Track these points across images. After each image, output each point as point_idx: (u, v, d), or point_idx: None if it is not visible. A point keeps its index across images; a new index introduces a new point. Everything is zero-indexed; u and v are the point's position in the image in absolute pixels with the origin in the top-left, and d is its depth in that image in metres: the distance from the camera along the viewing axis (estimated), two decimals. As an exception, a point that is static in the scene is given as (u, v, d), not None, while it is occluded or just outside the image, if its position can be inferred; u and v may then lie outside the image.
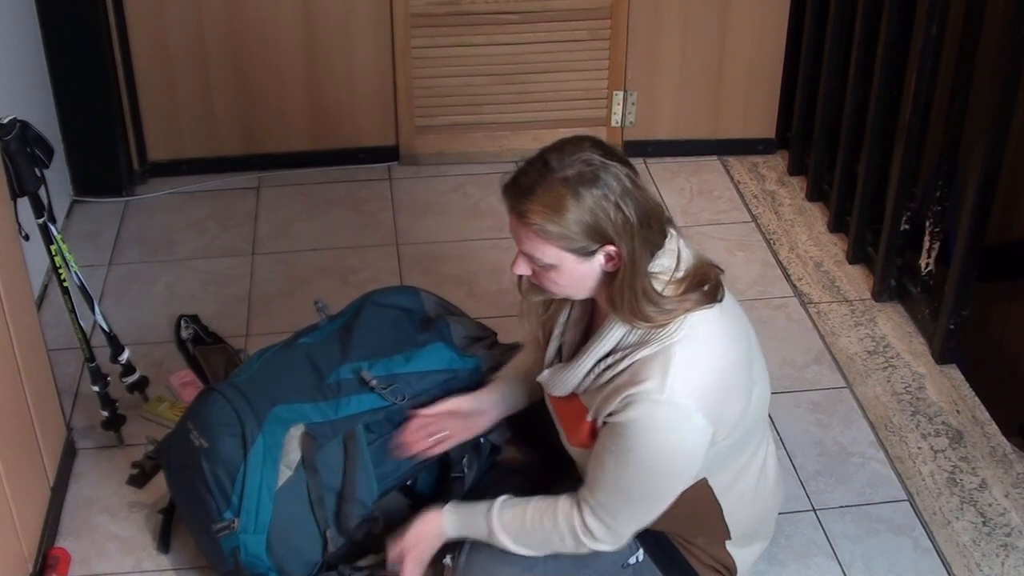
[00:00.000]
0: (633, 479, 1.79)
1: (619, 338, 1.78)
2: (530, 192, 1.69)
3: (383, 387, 2.14)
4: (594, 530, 1.84)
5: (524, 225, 1.71)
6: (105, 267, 3.14)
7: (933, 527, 2.33)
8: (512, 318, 2.83)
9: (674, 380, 1.72)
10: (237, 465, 2.04)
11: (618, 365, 1.78)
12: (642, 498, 1.82)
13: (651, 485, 1.81)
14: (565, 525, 1.86)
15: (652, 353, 1.74)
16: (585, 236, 1.70)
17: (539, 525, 1.89)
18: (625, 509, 1.83)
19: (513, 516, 1.91)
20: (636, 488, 1.81)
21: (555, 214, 1.68)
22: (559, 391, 1.90)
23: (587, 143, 1.73)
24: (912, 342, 2.86)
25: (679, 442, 1.76)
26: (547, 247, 1.72)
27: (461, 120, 3.56)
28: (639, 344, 1.76)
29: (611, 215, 1.68)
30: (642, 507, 1.84)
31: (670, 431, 1.75)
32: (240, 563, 2.04)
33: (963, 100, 2.71)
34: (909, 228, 2.95)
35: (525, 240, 1.73)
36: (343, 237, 3.27)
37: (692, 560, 1.98)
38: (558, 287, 1.79)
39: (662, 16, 3.44)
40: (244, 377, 2.18)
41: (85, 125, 3.33)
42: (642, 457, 1.76)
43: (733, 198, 3.47)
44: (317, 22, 3.37)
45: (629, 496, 1.82)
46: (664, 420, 1.73)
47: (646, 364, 1.74)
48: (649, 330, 1.75)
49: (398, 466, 2.17)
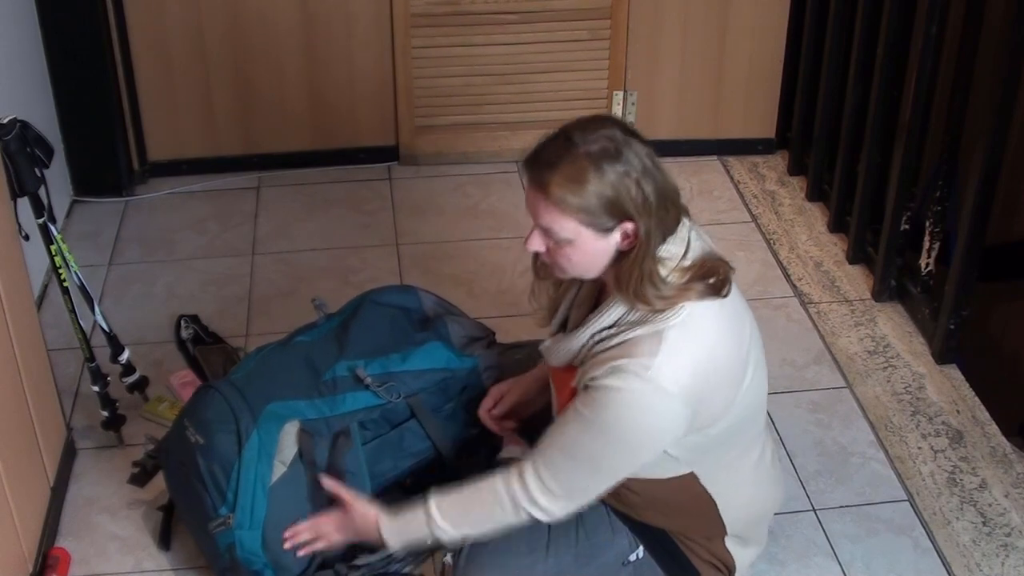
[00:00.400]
0: (589, 444, 1.78)
1: (620, 315, 1.78)
2: (553, 165, 1.70)
3: (378, 385, 2.15)
4: (531, 487, 1.82)
5: (544, 197, 1.71)
6: (105, 267, 3.14)
7: (933, 527, 2.33)
8: (512, 318, 2.84)
9: (661, 361, 1.72)
10: (232, 461, 2.04)
11: (613, 339, 1.78)
12: (591, 466, 1.81)
13: (605, 455, 1.79)
14: (504, 489, 1.85)
15: (646, 333, 1.74)
16: (604, 211, 1.70)
17: (478, 498, 1.88)
18: (569, 473, 1.81)
19: (451, 502, 1.90)
20: (589, 454, 1.79)
21: (577, 187, 1.69)
22: (557, 361, 1.90)
23: (609, 121, 1.75)
24: (912, 342, 2.86)
25: (649, 421, 1.76)
26: (566, 220, 1.71)
27: (461, 120, 3.56)
28: (637, 323, 1.76)
29: (632, 192, 1.69)
30: (587, 475, 1.82)
31: (643, 409, 1.74)
32: (236, 559, 2.04)
33: (963, 100, 2.71)
34: (909, 228, 2.95)
35: (544, 213, 1.73)
36: (343, 237, 3.27)
37: (692, 557, 1.98)
38: (570, 264, 1.78)
39: (662, 16, 3.44)
40: (240, 374, 2.18)
41: (85, 125, 3.33)
42: (608, 425, 1.75)
43: (733, 198, 3.47)
44: (317, 22, 3.37)
45: (578, 460, 1.80)
46: (641, 396, 1.73)
47: (638, 342, 1.74)
48: (648, 312, 1.75)
49: (394, 465, 2.17)
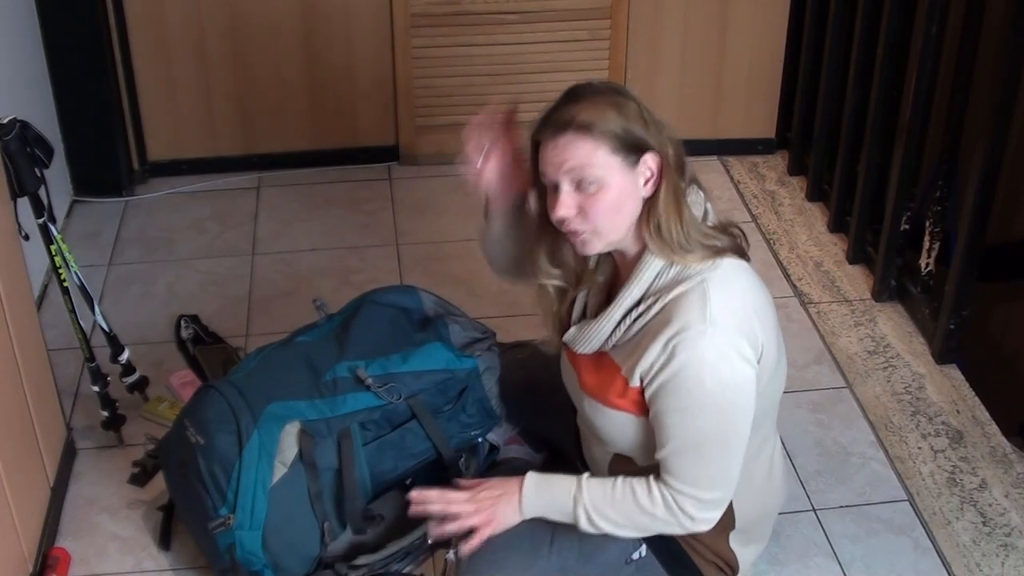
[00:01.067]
0: (702, 429, 1.75)
1: (650, 281, 1.77)
2: (576, 102, 1.73)
3: (379, 386, 2.15)
4: (683, 506, 1.80)
5: (573, 130, 1.71)
6: (105, 267, 3.14)
7: (933, 527, 2.33)
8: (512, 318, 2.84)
9: (713, 308, 1.71)
10: (232, 462, 2.04)
11: (650, 311, 1.77)
12: (718, 448, 1.78)
13: (721, 428, 1.76)
14: (651, 509, 1.82)
15: (686, 290, 1.74)
16: (628, 136, 1.71)
17: (633, 508, 1.83)
18: (707, 467, 1.78)
19: (602, 496, 1.85)
20: (708, 439, 1.76)
21: (603, 110, 1.71)
22: (586, 347, 1.87)
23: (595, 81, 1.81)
24: (912, 342, 2.86)
25: (732, 371, 1.74)
26: (597, 150, 1.71)
27: (461, 120, 3.50)
28: (670, 285, 1.76)
29: (648, 120, 1.74)
30: (720, 459, 1.79)
31: (721, 360, 1.72)
32: (236, 560, 2.04)
33: (963, 100, 2.71)
34: (909, 228, 2.95)
35: (571, 153, 1.72)
36: (343, 237, 3.27)
37: (695, 556, 1.97)
38: (604, 213, 1.74)
39: (662, 16, 3.44)
40: (241, 374, 2.18)
41: (85, 125, 3.33)
42: (704, 399, 1.73)
43: (733, 198, 3.47)
44: (317, 22, 3.37)
45: (704, 453, 1.77)
46: (714, 350, 1.72)
47: (681, 301, 1.73)
48: (681, 270, 1.75)
49: (395, 466, 2.17)
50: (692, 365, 1.72)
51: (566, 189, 1.75)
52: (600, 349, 1.86)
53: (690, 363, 1.72)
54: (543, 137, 1.76)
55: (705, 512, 1.82)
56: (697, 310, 1.72)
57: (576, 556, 1.94)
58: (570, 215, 1.76)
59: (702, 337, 1.71)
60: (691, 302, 1.73)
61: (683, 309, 1.73)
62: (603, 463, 1.99)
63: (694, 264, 1.76)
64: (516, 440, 2.34)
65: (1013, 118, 2.57)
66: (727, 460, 1.81)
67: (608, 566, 1.97)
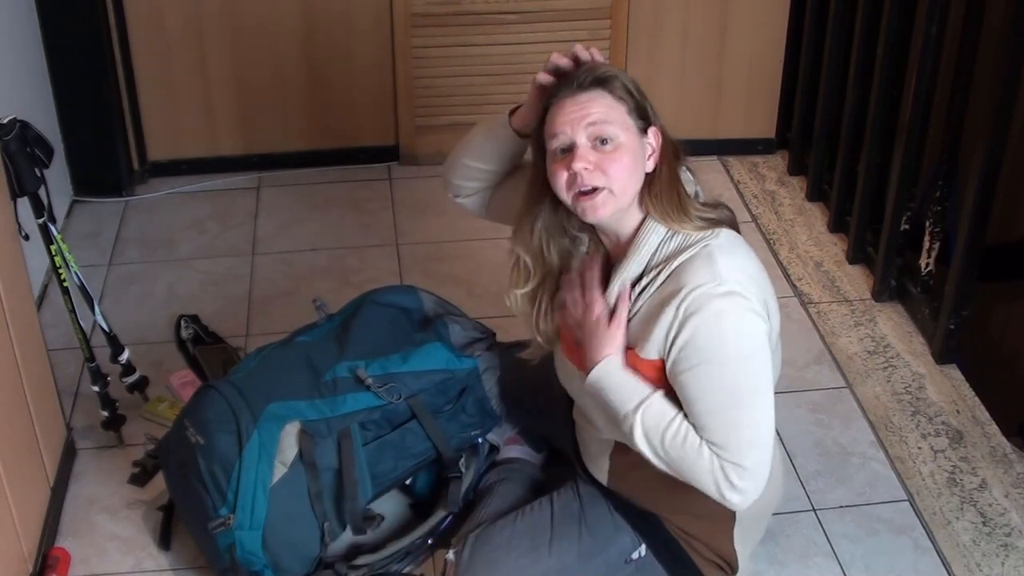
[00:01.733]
0: (727, 383, 1.75)
1: (652, 250, 1.80)
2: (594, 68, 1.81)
3: (379, 386, 2.15)
4: (731, 477, 1.75)
5: (599, 86, 1.78)
6: (105, 267, 3.14)
7: (933, 527, 2.33)
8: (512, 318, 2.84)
9: (720, 266, 1.74)
10: (232, 462, 2.04)
11: (654, 283, 1.79)
12: (746, 403, 1.76)
13: (746, 380, 1.76)
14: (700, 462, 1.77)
15: (691, 256, 1.76)
16: (641, 103, 1.81)
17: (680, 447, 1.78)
18: (739, 431, 1.75)
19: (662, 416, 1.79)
20: (735, 393, 1.75)
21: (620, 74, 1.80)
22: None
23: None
24: (912, 342, 2.86)
25: (745, 322, 1.75)
26: (617, 107, 1.78)
27: (461, 120, 3.55)
28: (673, 256, 1.78)
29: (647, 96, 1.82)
30: (752, 417, 1.76)
31: (734, 312, 1.74)
32: (236, 560, 2.04)
33: (963, 100, 2.71)
34: (909, 228, 2.95)
35: (594, 107, 1.76)
36: (343, 237, 3.27)
37: (694, 555, 1.98)
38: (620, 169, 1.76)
39: (662, 16, 3.44)
40: (241, 374, 2.18)
41: (85, 125, 3.33)
42: (725, 351, 1.74)
43: (733, 198, 3.46)
44: (317, 22, 3.37)
45: (734, 411, 1.75)
46: (729, 307, 1.73)
47: (687, 266, 1.76)
48: (683, 240, 1.78)
49: (395, 466, 2.17)
50: (708, 321, 1.73)
51: (584, 143, 1.76)
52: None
53: (705, 320, 1.73)
54: (562, 96, 1.79)
55: (746, 481, 1.75)
56: (705, 269, 1.74)
57: (576, 556, 1.95)
58: (589, 168, 1.76)
59: (715, 299, 1.73)
60: (697, 265, 1.75)
61: (690, 272, 1.75)
62: (602, 458, 1.99)
63: (694, 234, 1.78)
64: (516, 440, 2.34)
65: (1013, 118, 2.57)
66: (758, 417, 1.78)
67: (608, 565, 1.97)
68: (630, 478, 1.94)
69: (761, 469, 1.77)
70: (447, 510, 2.20)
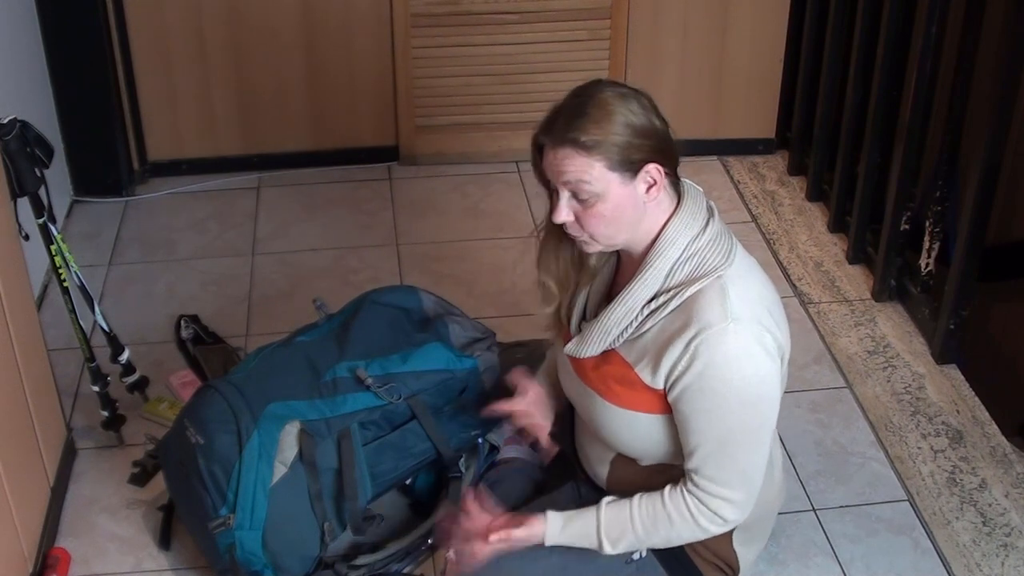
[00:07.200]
0: (732, 428, 1.74)
1: (665, 271, 1.77)
2: (581, 113, 1.70)
3: (379, 386, 2.15)
4: (717, 510, 1.79)
5: (573, 146, 1.70)
6: (105, 267, 3.14)
7: (933, 527, 2.33)
8: (512, 318, 2.84)
9: (733, 303, 1.72)
10: (232, 462, 2.04)
11: (666, 307, 1.76)
12: (747, 445, 1.77)
13: (750, 424, 1.75)
14: (680, 521, 1.81)
15: (703, 287, 1.74)
16: (630, 152, 1.71)
17: (653, 528, 1.84)
18: (735, 470, 1.77)
19: (619, 522, 1.85)
20: (738, 437, 1.75)
21: (606, 122, 1.70)
22: (593, 349, 1.85)
23: (604, 81, 1.78)
24: (912, 342, 2.86)
25: (757, 366, 1.73)
26: (594, 167, 1.70)
27: (461, 120, 3.56)
28: (687, 282, 1.75)
29: (652, 122, 1.75)
30: (749, 456, 1.78)
31: (745, 356, 1.72)
32: (236, 560, 2.04)
33: (963, 100, 2.71)
34: (909, 228, 2.95)
35: (571, 166, 1.71)
36: (343, 237, 3.27)
37: (695, 558, 1.97)
38: (602, 224, 1.75)
39: (662, 16, 3.44)
40: (241, 374, 2.18)
41: (85, 125, 3.33)
42: (731, 397, 1.72)
43: (733, 198, 3.47)
44: (317, 22, 3.37)
45: (734, 452, 1.76)
46: (738, 346, 1.71)
47: (699, 299, 1.73)
48: (698, 264, 1.75)
49: (395, 466, 2.17)
50: (717, 364, 1.71)
51: (564, 196, 1.76)
52: (607, 348, 1.86)
53: (714, 362, 1.71)
54: (544, 142, 1.76)
55: (734, 513, 1.80)
56: (717, 306, 1.72)
57: (576, 556, 1.94)
58: (568, 221, 1.77)
59: (725, 335, 1.70)
60: (710, 299, 1.73)
61: (703, 307, 1.73)
62: (601, 464, 1.99)
63: (709, 258, 1.76)
64: (516, 440, 2.34)
65: (1013, 118, 2.57)
66: (756, 456, 1.80)
67: (608, 566, 1.96)
68: (629, 479, 1.94)
69: (748, 501, 1.81)
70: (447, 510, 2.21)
